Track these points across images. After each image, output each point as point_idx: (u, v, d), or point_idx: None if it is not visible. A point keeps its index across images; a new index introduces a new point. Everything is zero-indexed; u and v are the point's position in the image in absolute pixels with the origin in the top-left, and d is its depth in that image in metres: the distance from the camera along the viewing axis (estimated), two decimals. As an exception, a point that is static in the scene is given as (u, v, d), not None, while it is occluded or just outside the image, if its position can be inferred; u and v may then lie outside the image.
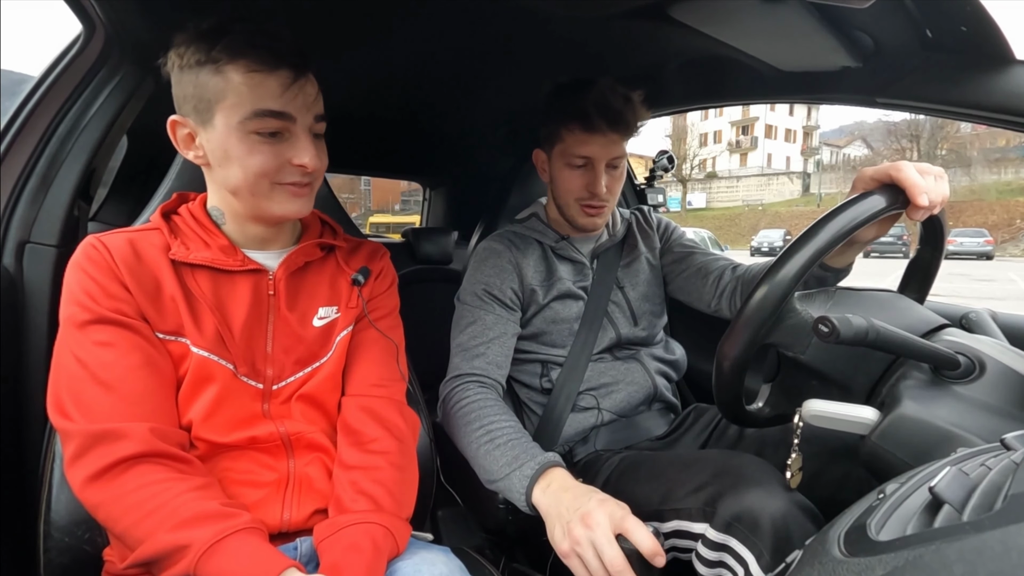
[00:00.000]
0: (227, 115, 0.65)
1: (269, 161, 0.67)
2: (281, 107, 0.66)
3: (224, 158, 0.67)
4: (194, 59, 0.65)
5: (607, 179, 1.03)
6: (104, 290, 0.65)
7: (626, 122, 1.01)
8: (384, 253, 0.87)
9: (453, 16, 1.00)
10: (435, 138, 1.86)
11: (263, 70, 0.65)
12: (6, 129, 0.91)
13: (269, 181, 0.68)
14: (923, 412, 0.60)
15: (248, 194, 0.69)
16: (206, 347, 0.68)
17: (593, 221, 1.08)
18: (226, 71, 0.64)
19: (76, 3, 0.88)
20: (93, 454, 0.59)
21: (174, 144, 0.71)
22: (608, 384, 1.08)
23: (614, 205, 1.10)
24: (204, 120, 0.67)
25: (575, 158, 1.03)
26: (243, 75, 0.64)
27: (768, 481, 0.74)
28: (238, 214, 0.73)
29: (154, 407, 0.64)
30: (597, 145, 1.01)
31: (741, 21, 0.88)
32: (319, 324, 0.76)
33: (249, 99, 0.65)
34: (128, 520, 0.58)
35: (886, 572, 0.33)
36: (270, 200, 0.70)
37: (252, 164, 0.67)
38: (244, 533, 0.58)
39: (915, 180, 0.64)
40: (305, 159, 0.68)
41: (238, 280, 0.72)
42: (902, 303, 0.75)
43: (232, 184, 0.69)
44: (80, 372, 0.62)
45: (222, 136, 0.66)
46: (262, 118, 0.65)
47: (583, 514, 0.70)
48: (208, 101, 0.66)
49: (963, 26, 0.76)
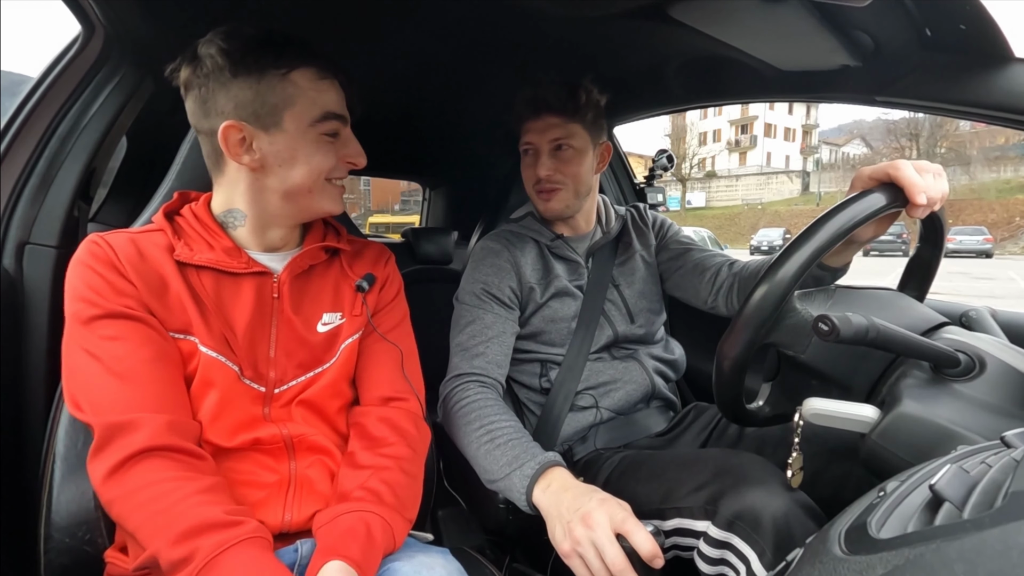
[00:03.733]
0: (297, 120, 0.70)
1: (331, 159, 0.73)
2: (340, 110, 0.73)
3: (290, 159, 0.71)
4: (256, 66, 0.67)
5: (552, 162, 1.05)
6: (110, 285, 0.65)
7: (556, 104, 1.03)
8: (389, 257, 0.87)
9: (453, 16, 1.00)
10: (435, 138, 1.86)
11: (327, 77, 0.72)
12: (6, 129, 0.91)
13: (325, 178, 0.74)
14: (923, 410, 0.60)
15: (306, 192, 0.73)
16: (214, 347, 0.68)
17: (548, 206, 1.09)
18: (292, 77, 0.69)
19: (76, 3, 0.88)
20: (111, 448, 0.59)
21: (224, 150, 0.69)
22: (606, 383, 1.08)
23: (574, 192, 1.08)
24: (267, 125, 0.69)
25: (522, 146, 1.10)
26: (311, 82, 0.70)
27: (769, 479, 0.74)
28: (270, 217, 0.74)
29: (169, 399, 0.64)
30: (533, 131, 1.06)
31: (741, 21, 0.88)
32: (323, 330, 0.76)
33: (319, 104, 0.70)
34: (136, 520, 0.58)
35: (887, 570, 0.33)
36: (323, 197, 0.75)
37: (318, 162, 0.72)
38: (247, 544, 0.58)
39: (913, 178, 0.64)
40: (360, 159, 0.76)
41: (242, 282, 0.72)
42: (902, 301, 0.75)
43: (293, 184, 0.71)
44: (93, 367, 0.62)
45: (292, 139, 0.70)
46: (329, 120, 0.72)
47: (584, 514, 0.70)
48: (274, 106, 0.68)
49: (962, 25, 0.76)
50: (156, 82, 1.04)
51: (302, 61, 0.69)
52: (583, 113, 1.05)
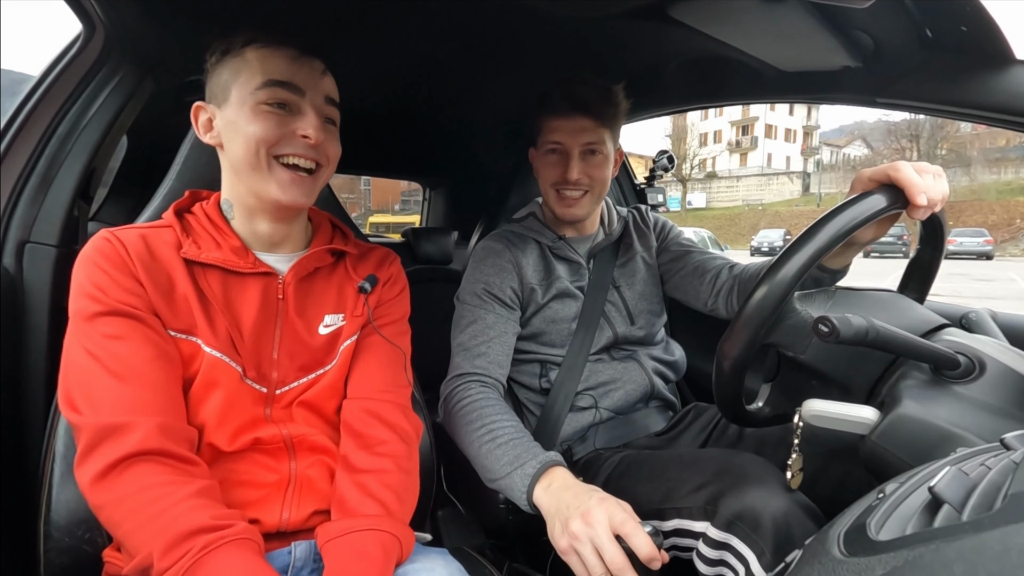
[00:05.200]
0: (240, 89, 0.69)
1: (272, 129, 0.68)
2: (288, 77, 0.69)
3: (233, 132, 0.70)
4: (221, 52, 0.71)
5: (583, 165, 1.03)
6: (116, 283, 0.64)
7: (594, 107, 1.01)
8: (394, 259, 0.87)
9: (453, 16, 1.00)
10: (435, 138, 1.86)
11: (273, 45, 0.70)
12: (6, 129, 0.91)
13: (267, 152, 0.69)
14: (923, 412, 0.60)
15: (248, 169, 0.69)
16: (218, 348, 0.67)
17: (570, 212, 1.07)
18: (244, 53, 0.70)
19: (76, 3, 0.88)
20: (101, 450, 0.59)
21: (195, 130, 0.74)
22: (606, 383, 1.08)
23: (597, 196, 1.08)
24: (220, 100, 0.71)
25: (548, 144, 1.05)
26: (255, 51, 0.70)
27: (769, 480, 0.74)
28: (244, 203, 0.73)
29: (165, 401, 0.63)
30: (565, 130, 1.03)
31: (741, 21, 0.88)
32: (325, 332, 0.76)
33: (260, 71, 0.69)
34: (126, 527, 0.57)
35: (886, 572, 0.33)
36: (269, 180, 0.69)
37: (254, 130, 0.68)
38: (232, 545, 0.57)
39: (913, 179, 0.65)
40: (309, 130, 0.69)
41: (248, 282, 0.72)
42: (902, 303, 0.75)
43: (235, 158, 0.70)
44: (91, 365, 0.62)
45: (234, 109, 0.69)
46: (270, 87, 0.69)
47: (583, 511, 0.70)
48: (226, 82, 0.70)
49: (963, 26, 0.76)
50: (156, 82, 1.04)
51: (253, 37, 0.70)
52: (615, 119, 1.05)
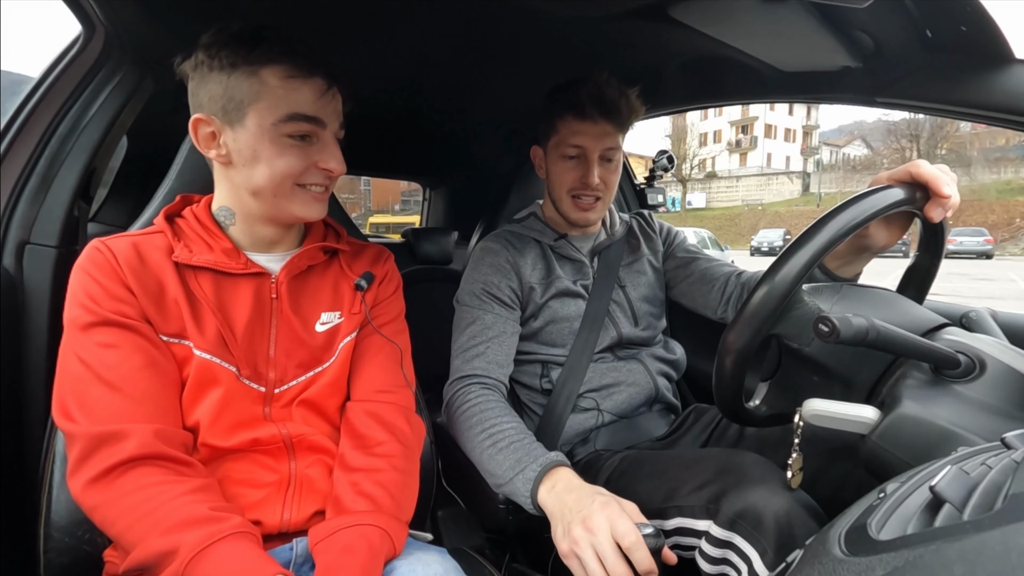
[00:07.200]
0: (261, 116, 0.67)
1: (297, 163, 0.69)
2: (314, 112, 0.69)
3: (252, 158, 0.68)
4: (228, 61, 0.66)
5: (601, 171, 1.03)
6: (108, 292, 0.65)
7: (619, 112, 1.01)
8: (388, 256, 0.87)
9: (453, 16, 1.00)
10: (435, 138, 1.86)
11: (300, 76, 0.67)
12: (6, 129, 0.91)
13: (293, 183, 0.70)
14: (923, 411, 0.60)
15: (271, 195, 0.70)
16: (208, 350, 0.68)
17: (585, 216, 1.07)
18: (262, 74, 0.66)
19: (76, 3, 0.88)
20: (96, 458, 0.59)
21: (194, 141, 0.70)
22: (609, 385, 1.08)
23: (609, 201, 1.09)
24: (233, 120, 0.68)
25: (569, 148, 1.04)
26: (280, 80, 0.67)
27: (771, 479, 0.74)
28: (251, 215, 0.73)
29: (158, 408, 0.64)
30: (590, 135, 1.01)
31: (741, 21, 0.88)
32: (322, 329, 0.76)
33: (285, 103, 0.67)
34: (122, 524, 0.58)
35: (886, 572, 0.33)
36: (291, 202, 0.71)
37: (280, 165, 0.68)
38: (233, 538, 0.58)
39: (935, 172, 0.66)
40: (332, 164, 0.71)
41: (240, 283, 0.72)
42: (904, 302, 0.75)
43: (256, 184, 0.69)
44: (84, 374, 0.62)
45: (253, 137, 0.67)
46: (296, 122, 0.68)
47: (584, 516, 0.70)
48: (240, 102, 0.67)
49: (963, 26, 0.76)
50: (156, 82, 1.04)
51: (274, 58, 0.66)
52: (631, 124, 1.04)
